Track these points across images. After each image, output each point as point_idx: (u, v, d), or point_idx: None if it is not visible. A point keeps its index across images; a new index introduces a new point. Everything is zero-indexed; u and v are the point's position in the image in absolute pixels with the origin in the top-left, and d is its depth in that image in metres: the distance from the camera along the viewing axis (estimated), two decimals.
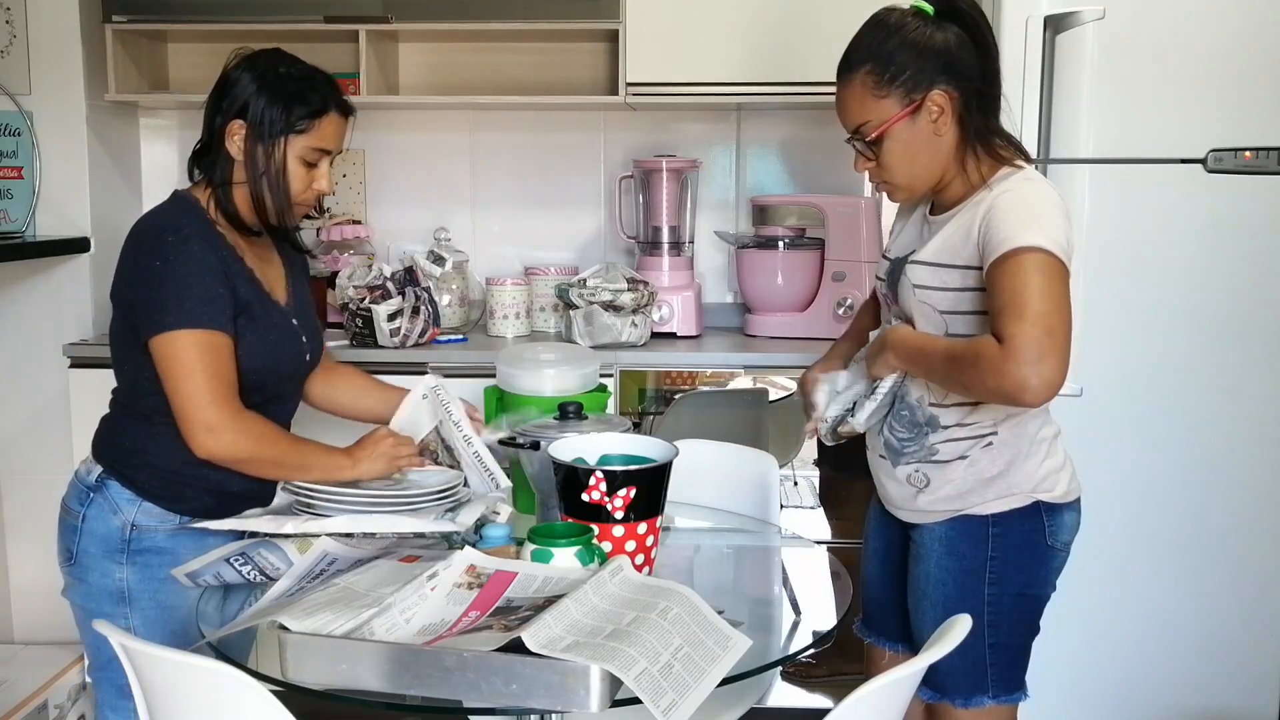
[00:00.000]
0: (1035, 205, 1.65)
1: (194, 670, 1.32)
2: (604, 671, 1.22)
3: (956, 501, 1.77)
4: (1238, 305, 2.47)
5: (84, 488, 1.79)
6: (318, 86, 1.78)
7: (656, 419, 2.77)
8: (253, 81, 1.75)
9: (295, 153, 1.76)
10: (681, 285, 3.05)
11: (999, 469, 1.75)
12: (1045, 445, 1.78)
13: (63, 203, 3.00)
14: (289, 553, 1.59)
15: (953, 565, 1.78)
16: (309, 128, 1.76)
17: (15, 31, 2.94)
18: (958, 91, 1.70)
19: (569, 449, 1.67)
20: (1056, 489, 1.78)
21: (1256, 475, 2.51)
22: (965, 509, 1.77)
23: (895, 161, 1.74)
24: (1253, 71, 2.41)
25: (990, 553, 1.76)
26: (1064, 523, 1.79)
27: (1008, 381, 1.54)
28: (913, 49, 1.70)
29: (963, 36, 1.71)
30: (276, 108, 1.74)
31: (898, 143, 1.72)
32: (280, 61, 1.78)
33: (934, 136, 1.72)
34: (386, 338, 2.79)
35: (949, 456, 1.76)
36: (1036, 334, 1.53)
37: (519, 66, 3.23)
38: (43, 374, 2.98)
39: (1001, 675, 1.80)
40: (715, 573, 2.00)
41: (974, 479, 1.76)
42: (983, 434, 1.75)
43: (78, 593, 1.81)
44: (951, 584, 1.78)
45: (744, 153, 3.28)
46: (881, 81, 1.70)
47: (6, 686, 2.72)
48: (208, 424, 1.66)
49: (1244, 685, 2.56)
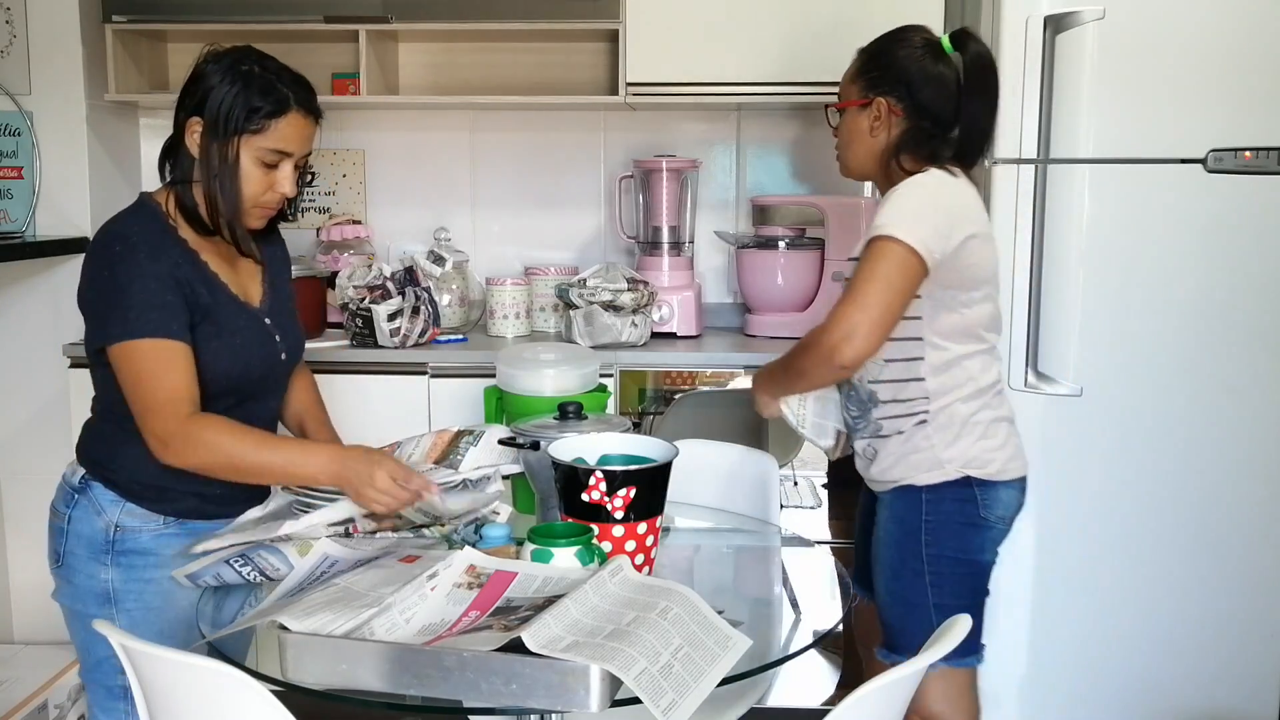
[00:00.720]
0: (904, 199, 1.86)
1: (194, 670, 1.32)
2: (604, 671, 1.22)
3: (896, 472, 1.96)
4: (1238, 305, 2.47)
5: (69, 489, 1.78)
6: (280, 85, 1.69)
7: (656, 419, 2.77)
8: (214, 75, 1.68)
9: (250, 153, 1.68)
10: (681, 285, 3.05)
11: (930, 445, 1.93)
12: (981, 428, 1.93)
13: (63, 203, 3.00)
14: (289, 555, 1.59)
15: (895, 530, 1.96)
16: (264, 128, 1.68)
17: (15, 31, 2.95)
18: (904, 112, 1.95)
19: (569, 449, 1.67)
20: (989, 467, 1.93)
21: (1256, 475, 2.51)
22: (903, 480, 1.95)
23: (841, 139, 2.05)
24: (1253, 71, 2.41)
25: (925, 518, 1.94)
26: (998, 498, 1.95)
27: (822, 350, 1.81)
28: (894, 62, 1.97)
29: (951, 81, 1.95)
30: (234, 105, 1.66)
31: (845, 125, 2.03)
32: (246, 59, 1.70)
33: (869, 135, 1.99)
34: (386, 338, 2.80)
35: (889, 432, 1.96)
36: (851, 309, 1.79)
37: (519, 66, 3.23)
38: (43, 374, 2.98)
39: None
40: (715, 573, 2.00)
41: (909, 453, 1.94)
42: (916, 412, 1.93)
43: (65, 594, 1.79)
44: (895, 547, 1.96)
45: (744, 153, 3.28)
46: (859, 71, 2.02)
47: (6, 686, 2.72)
48: (157, 435, 1.64)
49: (1244, 685, 2.56)
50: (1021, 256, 2.49)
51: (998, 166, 2.49)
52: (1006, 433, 1.97)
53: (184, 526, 1.77)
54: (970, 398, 1.92)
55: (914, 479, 1.94)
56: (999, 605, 2.58)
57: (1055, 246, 2.48)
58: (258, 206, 1.74)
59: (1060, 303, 2.49)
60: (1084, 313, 2.49)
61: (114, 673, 1.74)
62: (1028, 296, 2.49)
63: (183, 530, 1.77)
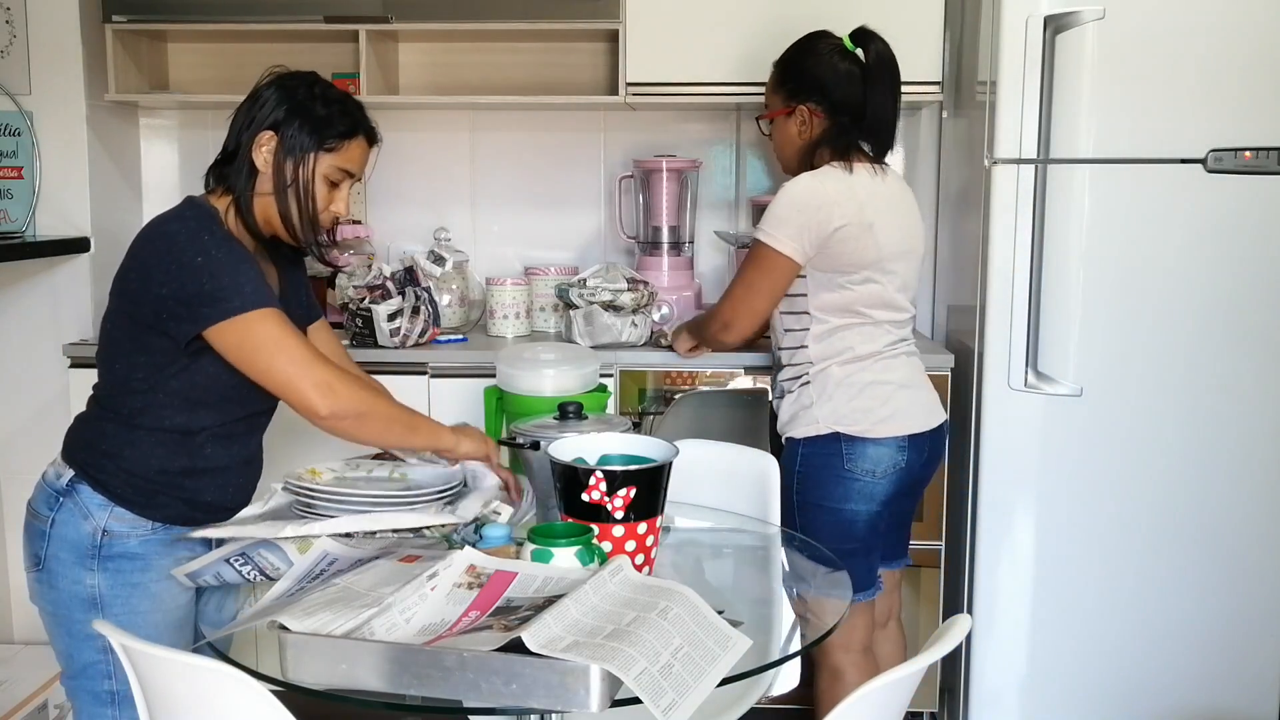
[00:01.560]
0: (776, 204, 2.19)
1: (194, 670, 1.32)
2: (604, 671, 1.22)
3: (787, 428, 2.27)
4: (1238, 305, 2.47)
5: (53, 491, 1.76)
6: (351, 110, 1.82)
7: (656, 419, 2.77)
8: (288, 98, 1.77)
9: (323, 169, 1.78)
10: (681, 285, 3.05)
11: (806, 403, 2.23)
12: (854, 389, 2.20)
13: (63, 203, 3.00)
14: (289, 553, 1.59)
15: (784, 479, 2.19)
16: (339, 147, 1.79)
17: (15, 31, 2.95)
18: (824, 112, 2.24)
19: (569, 449, 1.67)
20: (857, 425, 2.18)
21: (1256, 475, 2.51)
22: (788, 433, 2.27)
23: (775, 144, 2.36)
24: (1253, 71, 2.41)
25: (797, 469, 2.23)
26: (865, 454, 2.19)
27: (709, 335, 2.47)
28: (807, 70, 2.24)
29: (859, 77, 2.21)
30: (311, 123, 1.76)
31: (776, 130, 2.34)
32: (318, 83, 1.82)
33: (798, 137, 2.28)
34: (386, 338, 2.79)
35: (783, 392, 2.29)
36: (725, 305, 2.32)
37: (519, 66, 3.23)
38: (43, 374, 2.98)
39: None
40: (715, 573, 2.00)
41: (797, 410, 2.25)
42: (800, 375, 2.25)
43: (46, 599, 1.77)
44: (781, 489, 2.16)
45: (744, 153, 3.28)
46: (779, 83, 2.30)
47: (6, 686, 2.72)
48: (321, 383, 1.67)
49: (1244, 685, 2.56)
50: (1021, 256, 2.49)
51: (998, 166, 2.49)
52: (886, 395, 2.20)
53: (170, 532, 1.77)
54: (846, 363, 2.20)
55: (794, 432, 2.25)
56: (999, 605, 2.59)
57: (1055, 246, 2.48)
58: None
59: (1060, 303, 2.49)
60: (1084, 313, 2.49)
61: (101, 678, 1.73)
62: (1028, 296, 2.49)
63: (169, 535, 1.76)
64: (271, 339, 1.67)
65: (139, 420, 1.74)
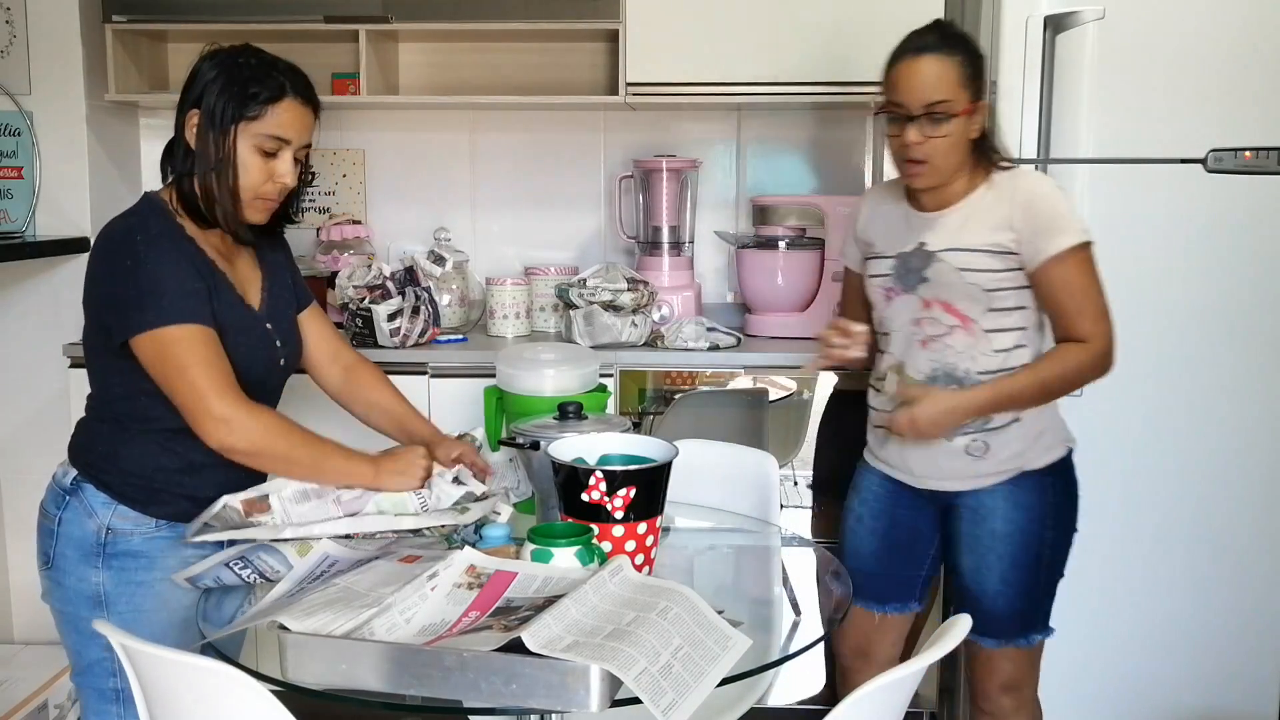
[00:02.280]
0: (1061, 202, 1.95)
1: (194, 670, 1.32)
2: (604, 671, 1.22)
3: (1017, 460, 2.00)
4: (1238, 305, 2.47)
5: (60, 491, 1.77)
6: (275, 73, 1.70)
7: (656, 419, 2.77)
8: (211, 69, 1.70)
9: (248, 141, 1.68)
10: (681, 285, 3.05)
11: (1043, 425, 2.01)
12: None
13: (62, 203, 3.00)
14: (288, 556, 1.59)
15: (1019, 517, 2.00)
16: (261, 114, 1.68)
17: (15, 31, 2.95)
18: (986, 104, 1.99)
19: (569, 449, 1.67)
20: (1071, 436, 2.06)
21: (1256, 475, 2.51)
22: (1024, 466, 2.01)
23: (947, 146, 1.94)
24: (1253, 71, 2.41)
25: (1051, 500, 2.02)
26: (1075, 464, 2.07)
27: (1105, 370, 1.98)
28: (980, 61, 1.97)
29: None
30: (230, 93, 1.67)
31: (955, 131, 1.93)
32: (243, 53, 1.72)
33: (969, 137, 1.96)
34: (386, 338, 2.80)
35: (1003, 421, 1.98)
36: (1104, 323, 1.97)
37: (519, 66, 3.23)
38: (43, 374, 2.98)
39: (1046, 612, 2.10)
40: (715, 573, 2.00)
41: (1028, 437, 2.00)
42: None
43: (56, 597, 1.78)
44: (1019, 535, 2.00)
45: (744, 153, 3.28)
46: (969, 74, 1.94)
47: (6, 686, 2.72)
48: (216, 416, 1.62)
49: (1244, 685, 2.56)
50: None
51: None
52: None
53: (175, 529, 1.76)
54: None
55: (1034, 462, 2.01)
56: None
57: None
58: (258, 198, 1.73)
59: None
60: None
61: (106, 675, 1.74)
62: None
63: (174, 533, 1.76)
64: (174, 359, 1.62)
65: (128, 422, 1.73)
